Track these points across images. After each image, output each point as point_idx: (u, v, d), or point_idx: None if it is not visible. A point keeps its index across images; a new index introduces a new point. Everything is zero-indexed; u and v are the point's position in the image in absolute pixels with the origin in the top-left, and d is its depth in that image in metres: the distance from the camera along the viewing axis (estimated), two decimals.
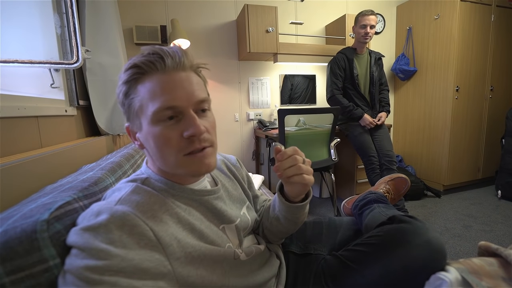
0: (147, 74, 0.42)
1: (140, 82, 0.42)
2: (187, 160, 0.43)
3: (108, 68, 1.18)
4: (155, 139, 0.42)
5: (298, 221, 0.60)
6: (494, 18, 2.39)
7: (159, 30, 1.96)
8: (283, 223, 0.60)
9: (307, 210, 0.60)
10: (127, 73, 0.43)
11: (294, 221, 0.59)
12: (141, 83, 0.42)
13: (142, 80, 0.42)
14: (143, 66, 0.42)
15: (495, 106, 2.54)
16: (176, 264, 0.39)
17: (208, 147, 0.44)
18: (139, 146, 0.47)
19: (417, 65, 2.60)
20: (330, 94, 1.97)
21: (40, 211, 0.36)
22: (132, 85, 0.43)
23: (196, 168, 0.44)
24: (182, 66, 0.43)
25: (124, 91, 0.44)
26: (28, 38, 0.91)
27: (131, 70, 0.42)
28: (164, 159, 0.44)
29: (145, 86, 0.42)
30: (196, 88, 0.44)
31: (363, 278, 0.52)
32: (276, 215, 0.60)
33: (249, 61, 2.33)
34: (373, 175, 1.82)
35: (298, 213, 0.58)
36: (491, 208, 2.06)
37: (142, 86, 0.42)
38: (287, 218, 0.58)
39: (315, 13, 2.50)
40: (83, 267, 0.32)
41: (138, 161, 0.86)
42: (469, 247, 1.54)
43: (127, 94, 0.44)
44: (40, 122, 0.81)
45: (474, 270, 0.43)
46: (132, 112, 0.44)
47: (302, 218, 0.60)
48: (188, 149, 0.42)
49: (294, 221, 0.59)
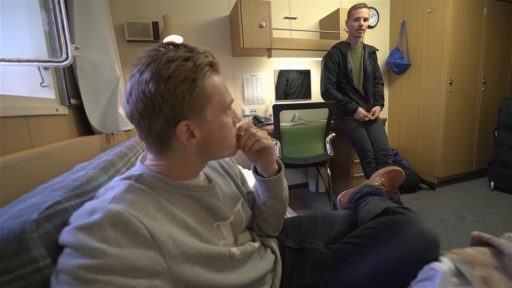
0: (216, 71, 0.47)
1: (209, 78, 0.45)
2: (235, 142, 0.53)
3: (100, 66, 1.16)
4: (224, 127, 0.48)
5: (282, 197, 0.65)
6: (486, 11, 2.40)
7: (151, 27, 1.93)
8: (270, 205, 0.64)
9: (285, 184, 0.66)
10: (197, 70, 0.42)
11: (278, 198, 0.64)
12: (210, 79, 0.45)
13: (212, 76, 0.45)
14: (216, 63, 0.46)
15: (488, 98, 2.57)
16: (171, 262, 0.39)
17: None
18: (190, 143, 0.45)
19: (411, 59, 2.61)
20: (324, 88, 1.97)
21: (29, 211, 0.35)
22: (200, 82, 0.43)
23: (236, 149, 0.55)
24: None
25: (191, 87, 0.42)
26: (15, 35, 0.89)
27: (205, 68, 0.44)
28: (226, 145, 0.50)
29: (213, 80, 0.45)
30: None
31: (359, 269, 0.52)
32: (262, 200, 0.64)
33: (243, 56, 2.32)
34: (369, 168, 1.84)
35: (277, 187, 0.63)
36: (484, 199, 2.10)
37: (211, 80, 0.45)
38: (271, 197, 0.63)
39: (309, 7, 2.48)
40: (76, 266, 0.31)
41: (131, 159, 0.85)
42: (463, 237, 1.57)
43: (193, 91, 0.42)
44: (30, 121, 0.79)
45: (467, 260, 0.44)
46: (197, 107, 0.43)
47: (285, 193, 0.65)
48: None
49: (279, 199, 0.64)
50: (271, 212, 0.65)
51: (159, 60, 0.41)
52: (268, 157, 0.59)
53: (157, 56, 0.41)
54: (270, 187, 0.62)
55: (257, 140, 0.55)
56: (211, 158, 0.53)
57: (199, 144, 0.46)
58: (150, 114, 0.41)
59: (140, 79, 0.41)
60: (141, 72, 0.41)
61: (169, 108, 0.41)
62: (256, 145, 0.55)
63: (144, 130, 0.43)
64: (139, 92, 0.41)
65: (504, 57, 2.59)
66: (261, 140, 0.55)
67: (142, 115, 0.42)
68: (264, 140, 0.56)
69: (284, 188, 0.65)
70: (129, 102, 0.42)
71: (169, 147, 0.45)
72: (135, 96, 0.41)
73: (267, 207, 0.65)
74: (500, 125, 2.26)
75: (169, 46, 0.43)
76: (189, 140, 0.44)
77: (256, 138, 0.55)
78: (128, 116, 0.44)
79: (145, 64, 0.41)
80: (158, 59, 0.41)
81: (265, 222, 0.66)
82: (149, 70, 0.40)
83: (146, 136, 0.44)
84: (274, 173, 0.62)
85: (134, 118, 0.43)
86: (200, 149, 0.47)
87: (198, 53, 0.43)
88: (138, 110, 0.42)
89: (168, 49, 0.42)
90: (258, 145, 0.55)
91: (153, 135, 0.43)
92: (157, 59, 0.41)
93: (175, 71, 0.40)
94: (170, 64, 0.40)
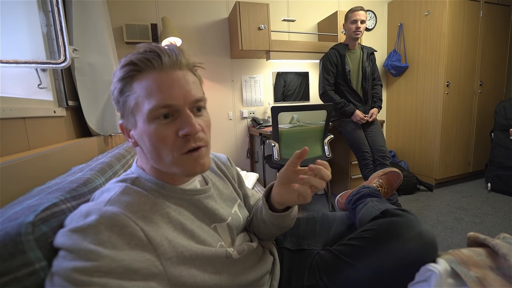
0: (144, 71, 0.42)
1: (136, 80, 0.42)
2: (182, 159, 0.43)
3: (98, 68, 1.16)
4: (150, 137, 0.42)
5: (283, 226, 0.60)
6: (482, 14, 2.42)
7: (149, 29, 1.93)
8: (270, 227, 0.60)
9: (293, 216, 0.60)
10: (123, 70, 0.42)
11: (279, 226, 0.60)
12: (137, 81, 0.42)
13: (138, 78, 0.42)
14: (140, 63, 0.41)
15: (485, 100, 2.58)
16: (167, 264, 0.39)
17: (202, 147, 0.44)
18: (133, 144, 0.46)
19: (409, 61, 2.63)
20: (322, 90, 1.98)
21: (25, 213, 0.35)
22: (128, 82, 0.42)
23: (191, 168, 0.44)
24: (179, 65, 0.43)
25: (120, 88, 0.43)
26: (12, 37, 0.89)
27: (127, 67, 0.42)
28: (159, 158, 0.43)
29: (141, 83, 0.41)
30: (193, 87, 0.44)
31: (357, 271, 0.52)
32: (263, 218, 0.60)
33: (241, 58, 2.32)
34: (367, 170, 1.84)
35: (282, 221, 0.58)
36: (482, 201, 2.11)
37: (138, 83, 0.42)
38: (272, 223, 0.58)
39: (307, 10, 2.50)
40: (71, 269, 0.31)
41: (129, 161, 0.85)
42: (461, 239, 1.57)
43: (122, 91, 0.43)
44: (28, 123, 0.79)
45: (463, 261, 0.44)
46: (127, 110, 0.43)
47: (287, 224, 0.60)
48: (184, 148, 0.42)
49: (279, 227, 0.60)
50: (269, 231, 0.62)
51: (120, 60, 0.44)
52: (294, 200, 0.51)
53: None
54: (275, 218, 0.57)
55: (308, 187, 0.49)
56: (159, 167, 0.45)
57: (141, 147, 0.45)
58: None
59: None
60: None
61: (116, 105, 0.45)
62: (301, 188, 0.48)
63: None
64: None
65: (500, 59, 2.61)
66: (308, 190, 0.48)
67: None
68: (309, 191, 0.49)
69: (290, 221, 0.60)
70: None
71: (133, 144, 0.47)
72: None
73: (265, 226, 0.61)
74: (497, 127, 2.28)
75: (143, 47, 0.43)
76: (130, 140, 0.47)
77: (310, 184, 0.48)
78: None
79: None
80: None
81: (261, 233, 0.64)
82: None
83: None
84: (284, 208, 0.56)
85: None
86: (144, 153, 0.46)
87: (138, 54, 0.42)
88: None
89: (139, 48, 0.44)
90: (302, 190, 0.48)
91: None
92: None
93: (117, 71, 0.43)
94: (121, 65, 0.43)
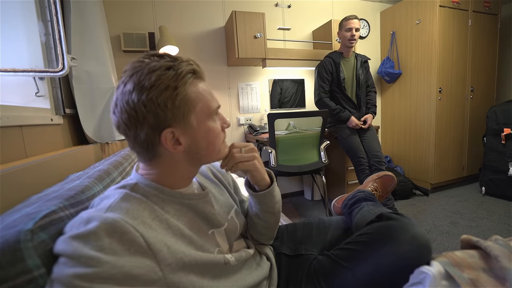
0: (199, 78, 0.47)
1: (192, 85, 0.45)
2: (223, 147, 0.53)
3: (95, 76, 1.17)
4: (210, 132, 0.48)
5: (274, 210, 0.64)
6: (471, 23, 2.50)
7: (147, 37, 1.96)
8: (262, 217, 0.63)
9: (278, 197, 0.64)
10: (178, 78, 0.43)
11: (270, 211, 0.63)
12: (193, 86, 0.45)
13: (195, 83, 0.46)
14: (199, 71, 0.47)
15: (476, 106, 2.64)
16: (167, 270, 0.39)
17: None
18: (176, 150, 0.46)
19: (402, 68, 2.68)
20: (318, 97, 2.02)
21: (24, 221, 0.35)
22: (182, 90, 0.44)
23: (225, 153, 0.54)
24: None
25: (173, 95, 0.43)
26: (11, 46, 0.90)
27: (187, 75, 0.44)
28: (214, 150, 0.50)
29: (197, 87, 0.46)
30: None
31: (354, 275, 0.53)
32: (254, 212, 0.63)
33: (238, 66, 2.35)
34: (363, 175, 1.86)
35: (269, 201, 0.62)
36: (477, 205, 2.13)
37: (194, 87, 0.45)
38: (262, 210, 0.62)
39: (302, 19, 2.55)
40: (72, 275, 0.31)
41: (127, 169, 0.85)
42: (457, 242, 1.58)
43: (175, 98, 0.43)
44: (25, 131, 0.79)
45: (456, 263, 0.45)
46: (180, 114, 0.44)
47: (277, 206, 0.65)
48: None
49: (270, 212, 0.63)
50: (263, 224, 0.65)
51: (142, 71, 0.42)
52: (254, 175, 0.58)
53: (140, 67, 0.42)
54: (261, 200, 0.62)
55: (237, 163, 0.55)
56: (200, 163, 0.53)
57: (186, 150, 0.47)
58: (134, 123, 0.42)
59: (124, 90, 0.42)
60: (125, 83, 0.42)
61: (152, 116, 0.42)
62: (235, 167, 0.55)
63: (131, 139, 0.44)
64: (123, 102, 0.42)
65: (489, 66, 2.69)
66: (239, 164, 0.55)
67: (127, 125, 0.43)
68: (244, 163, 0.56)
69: (276, 201, 0.63)
70: (115, 113, 0.43)
71: (157, 155, 0.46)
72: (120, 107, 0.42)
73: (259, 219, 0.64)
74: (489, 131, 2.33)
75: (153, 57, 0.44)
76: (175, 147, 0.45)
77: (236, 161, 0.55)
78: (115, 126, 0.45)
79: (128, 76, 0.42)
80: (141, 70, 0.42)
81: (258, 233, 0.66)
82: (132, 81, 0.42)
83: (134, 145, 0.45)
84: (266, 187, 0.61)
85: (121, 128, 0.44)
86: (188, 156, 0.48)
87: (181, 62, 0.44)
88: (123, 120, 0.43)
89: (152, 60, 0.43)
90: (237, 168, 0.56)
91: (140, 144, 0.44)
92: (140, 70, 0.42)
93: (156, 80, 0.41)
94: (151, 74, 0.41)
